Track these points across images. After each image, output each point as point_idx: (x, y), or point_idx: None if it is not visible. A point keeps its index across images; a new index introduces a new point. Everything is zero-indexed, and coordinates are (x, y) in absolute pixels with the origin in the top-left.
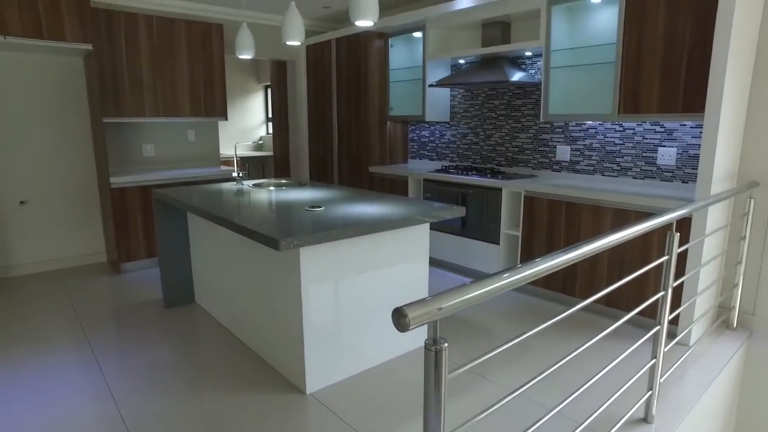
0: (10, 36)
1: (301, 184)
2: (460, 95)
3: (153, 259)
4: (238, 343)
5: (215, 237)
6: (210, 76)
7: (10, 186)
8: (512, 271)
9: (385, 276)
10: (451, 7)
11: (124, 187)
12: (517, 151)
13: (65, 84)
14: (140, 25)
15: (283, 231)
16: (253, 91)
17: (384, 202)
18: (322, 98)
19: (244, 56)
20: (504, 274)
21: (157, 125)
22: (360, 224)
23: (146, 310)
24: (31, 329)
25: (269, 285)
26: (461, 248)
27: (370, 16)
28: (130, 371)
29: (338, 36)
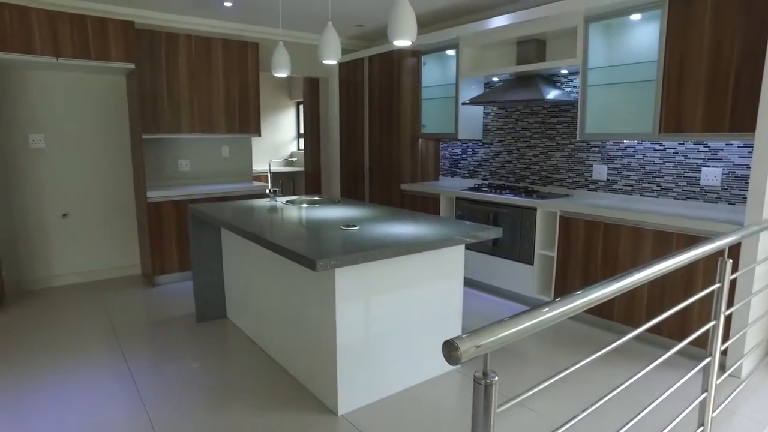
0: (62, 57)
1: (333, 202)
2: (494, 113)
3: (185, 272)
4: (269, 360)
5: (248, 253)
6: (245, 93)
7: (54, 199)
8: (568, 299)
9: (419, 297)
10: (485, 26)
11: (159, 202)
12: (551, 169)
13: (108, 102)
14: (180, 45)
15: (319, 251)
16: (285, 107)
17: (418, 222)
18: (354, 115)
19: (281, 74)
20: (560, 303)
21: (192, 141)
22: (397, 245)
23: (179, 324)
24: (69, 338)
25: (302, 302)
26: (493, 268)
27: (409, 36)
28: (163, 384)
29: (371, 54)
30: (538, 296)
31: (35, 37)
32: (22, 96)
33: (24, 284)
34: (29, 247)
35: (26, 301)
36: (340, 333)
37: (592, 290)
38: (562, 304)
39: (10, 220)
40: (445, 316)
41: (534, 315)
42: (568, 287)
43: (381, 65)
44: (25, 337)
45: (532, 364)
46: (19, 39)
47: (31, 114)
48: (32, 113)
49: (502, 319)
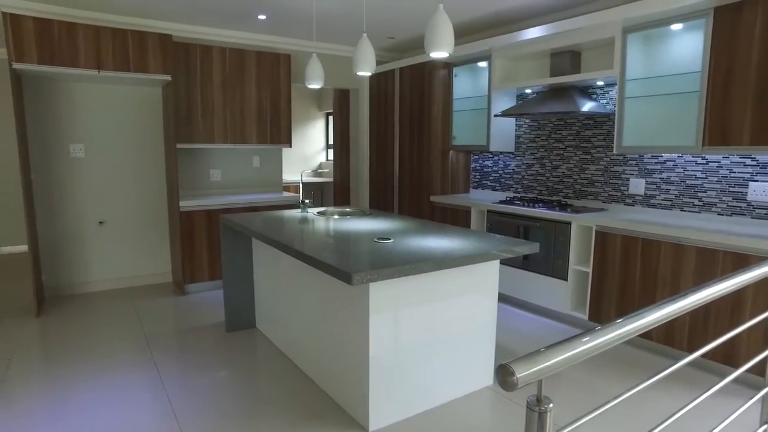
0: (104, 70)
1: (365, 214)
2: (526, 125)
3: (215, 281)
4: (298, 372)
5: (278, 263)
6: (277, 104)
7: (92, 207)
8: (629, 319)
9: (452, 312)
10: (518, 37)
11: (191, 211)
12: (586, 183)
13: (144, 113)
14: (214, 57)
15: (355, 264)
16: (314, 118)
17: (452, 235)
18: (384, 127)
19: (314, 86)
20: (618, 325)
21: (224, 151)
22: (433, 259)
23: (208, 333)
24: (103, 343)
25: (333, 315)
26: (525, 282)
27: (446, 48)
28: (193, 393)
29: (402, 66)
30: (572, 312)
31: (80, 51)
32: (64, 107)
33: (62, 289)
34: (67, 253)
35: (64, 305)
36: (373, 347)
37: (650, 312)
38: (620, 326)
39: (52, 226)
40: (478, 332)
41: (591, 338)
42: (604, 304)
43: (412, 77)
44: (62, 340)
45: (572, 387)
46: (66, 53)
47: (72, 124)
48: (73, 124)
49: (559, 341)
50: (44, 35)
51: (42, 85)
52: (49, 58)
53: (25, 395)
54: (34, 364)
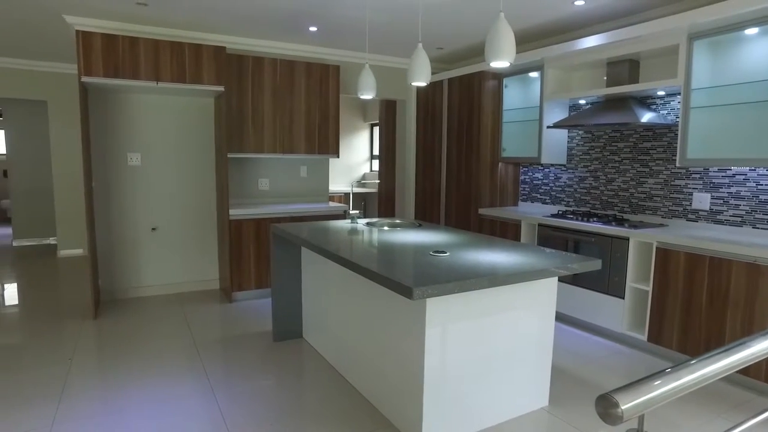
0: (162, 81)
1: (414, 225)
2: (579, 137)
3: (261, 290)
4: (347, 385)
5: (327, 274)
6: (325, 114)
7: (146, 214)
8: (734, 351)
9: (508, 329)
10: (573, 47)
11: (241, 219)
12: (643, 197)
13: (197, 122)
14: (265, 68)
15: (415, 279)
16: (360, 129)
17: (508, 250)
18: (432, 138)
19: (366, 97)
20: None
21: (273, 161)
22: (493, 275)
23: (256, 342)
24: (155, 347)
25: (385, 328)
26: (578, 299)
27: (507, 57)
28: (243, 401)
29: (451, 76)
30: (629, 332)
31: (141, 64)
32: (124, 118)
33: (116, 293)
34: (122, 258)
35: (118, 309)
36: (428, 363)
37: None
38: (727, 355)
39: (109, 232)
40: (534, 351)
41: (696, 368)
42: (666, 325)
43: (461, 88)
44: (117, 343)
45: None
46: (128, 66)
47: (130, 134)
48: (131, 133)
49: (660, 371)
50: (110, 50)
51: (105, 97)
52: (113, 71)
53: (85, 394)
54: (91, 364)
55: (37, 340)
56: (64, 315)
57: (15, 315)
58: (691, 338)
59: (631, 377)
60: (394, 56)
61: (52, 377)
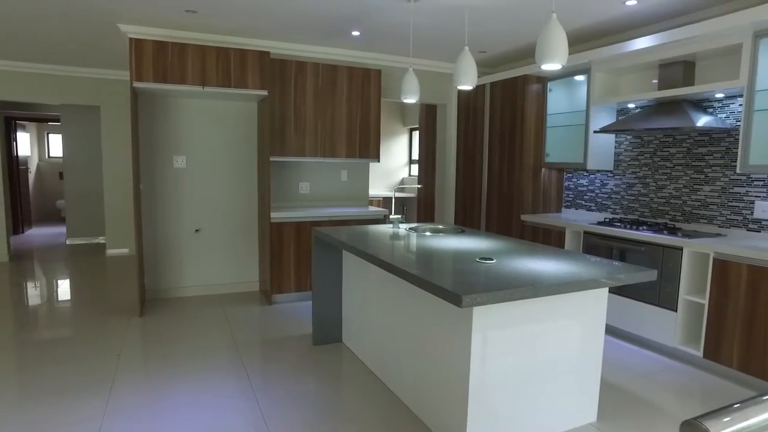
0: (208, 86)
1: (457, 231)
2: (628, 142)
3: (301, 293)
4: (387, 392)
5: (368, 278)
6: (366, 119)
7: (190, 215)
8: None
9: (556, 340)
10: (623, 49)
11: (282, 222)
12: (698, 205)
13: (241, 126)
14: (308, 72)
15: (463, 286)
16: (398, 133)
17: (555, 257)
18: (473, 142)
19: (409, 100)
20: None
21: (314, 164)
22: (543, 283)
23: (295, 344)
24: (197, 347)
25: (428, 335)
26: (625, 310)
27: (559, 59)
28: (282, 403)
29: (493, 80)
30: (682, 347)
31: (188, 69)
32: (171, 121)
33: (160, 292)
34: (166, 259)
35: (162, 307)
36: (473, 372)
37: None
38: None
39: (154, 232)
40: (582, 364)
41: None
42: (725, 341)
43: (503, 92)
44: (162, 341)
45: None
46: (176, 72)
47: (176, 137)
48: (177, 136)
49: (756, 398)
50: (159, 56)
51: (153, 102)
52: (162, 76)
53: (132, 390)
54: (138, 361)
55: (88, 335)
56: (111, 312)
57: (68, 310)
58: (755, 357)
59: (687, 395)
60: (436, 60)
61: (101, 372)
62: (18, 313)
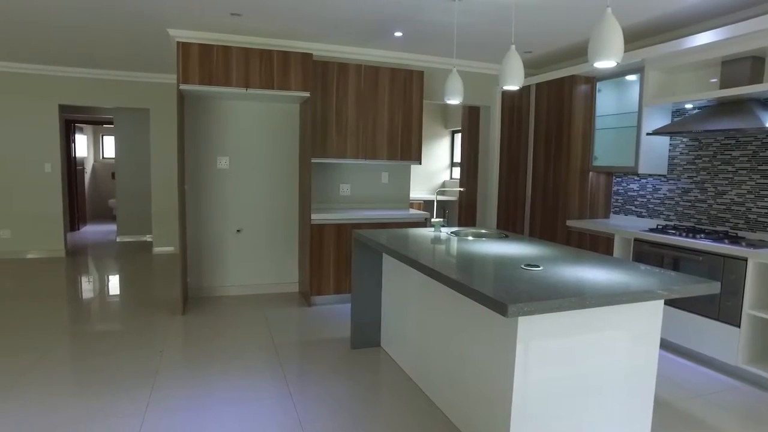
0: (251, 88)
1: (500, 236)
2: (684, 144)
3: (340, 295)
4: (426, 399)
5: (409, 282)
6: (408, 121)
7: (232, 215)
8: None
9: (605, 354)
10: (681, 45)
11: (322, 224)
12: (763, 213)
13: (282, 128)
14: (350, 74)
15: (509, 294)
16: (440, 136)
17: (605, 265)
18: (517, 145)
19: (453, 102)
20: None
21: (355, 166)
22: (595, 293)
23: (333, 347)
24: (237, 346)
25: (470, 342)
26: (680, 323)
27: (614, 56)
28: (319, 406)
29: (539, 81)
30: (746, 366)
31: (233, 71)
32: (215, 123)
33: (202, 291)
34: (209, 258)
35: (203, 306)
36: (517, 384)
37: None
38: None
39: (197, 232)
40: (635, 380)
41: None
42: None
43: (549, 93)
44: (203, 339)
45: None
46: (221, 74)
47: (220, 138)
48: (221, 138)
49: None
50: (205, 59)
51: (199, 104)
52: (207, 79)
53: (174, 386)
54: (179, 358)
55: (133, 330)
56: (156, 308)
57: (116, 304)
58: None
59: (751, 419)
60: (480, 61)
61: (144, 367)
62: (73, 306)
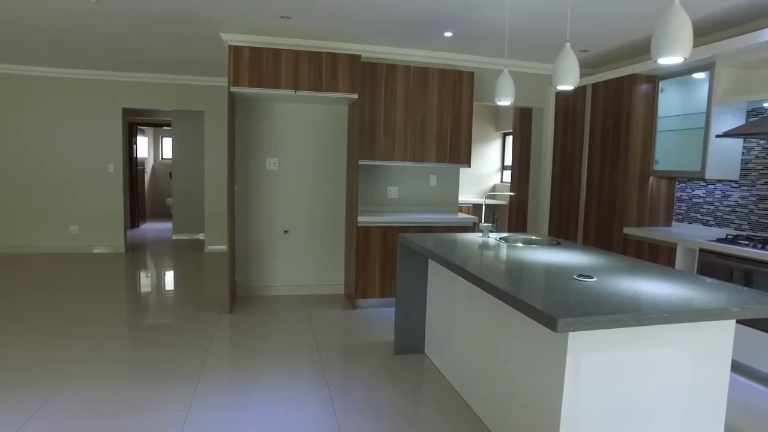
0: (300, 90)
1: (552, 243)
2: (760, 147)
3: (384, 299)
4: (468, 410)
5: (454, 289)
6: (457, 123)
7: (280, 216)
8: None
9: (666, 377)
10: (758, 38)
11: (368, 227)
12: None
13: (330, 130)
14: (398, 76)
15: (560, 308)
16: (490, 138)
17: (667, 278)
18: (571, 148)
19: (504, 103)
20: None
21: (403, 169)
22: (657, 310)
23: (376, 352)
24: (280, 346)
25: (517, 354)
26: (753, 344)
27: (682, 51)
28: (359, 411)
29: (595, 81)
30: None
31: (282, 73)
32: (265, 124)
33: (249, 290)
34: (256, 258)
35: (250, 305)
36: (566, 401)
37: None
38: None
39: (246, 232)
40: (702, 404)
41: None
42: None
43: (606, 93)
44: (248, 338)
45: None
46: (271, 76)
47: (270, 140)
48: (271, 139)
49: None
50: (255, 62)
51: (249, 106)
52: (257, 81)
53: (218, 385)
54: (224, 356)
55: (182, 326)
56: (204, 305)
57: (169, 300)
58: None
59: None
60: (532, 61)
61: (190, 364)
62: (128, 300)
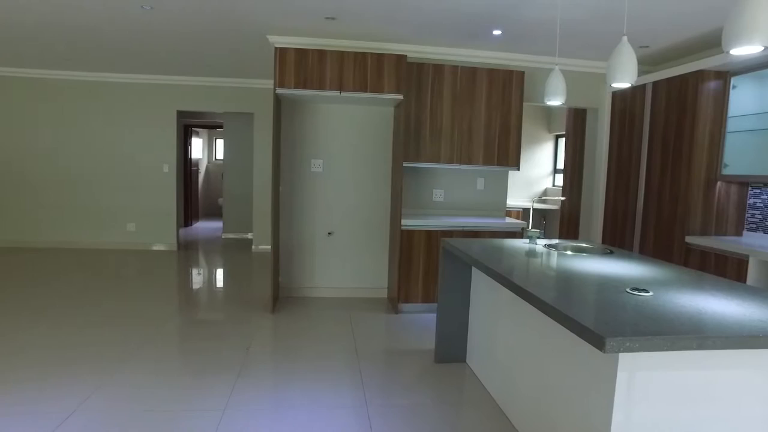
0: (345, 91)
1: (604, 252)
2: None
3: (427, 304)
4: (509, 427)
5: (498, 298)
6: (506, 124)
7: (324, 218)
8: None
9: (735, 399)
10: None
11: (412, 230)
12: None
13: (375, 131)
14: (445, 76)
15: (608, 326)
16: (543, 140)
17: (736, 294)
18: (629, 151)
19: (554, 103)
20: None
21: (449, 171)
22: (719, 332)
23: (416, 359)
24: (320, 348)
25: (564, 371)
26: None
27: (760, 39)
28: (394, 419)
29: (656, 79)
30: None
31: (327, 74)
32: (310, 126)
33: (292, 291)
34: (300, 259)
35: (292, 306)
36: (615, 425)
37: None
38: None
39: (290, 233)
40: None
41: None
42: None
43: (669, 92)
44: (288, 338)
45: None
46: (316, 77)
47: (314, 141)
48: (315, 141)
49: None
50: (300, 63)
51: (294, 108)
52: (302, 82)
53: (255, 385)
54: (264, 357)
55: (225, 325)
56: (248, 304)
57: (216, 297)
58: None
59: None
60: (586, 59)
61: (230, 362)
62: (180, 295)
